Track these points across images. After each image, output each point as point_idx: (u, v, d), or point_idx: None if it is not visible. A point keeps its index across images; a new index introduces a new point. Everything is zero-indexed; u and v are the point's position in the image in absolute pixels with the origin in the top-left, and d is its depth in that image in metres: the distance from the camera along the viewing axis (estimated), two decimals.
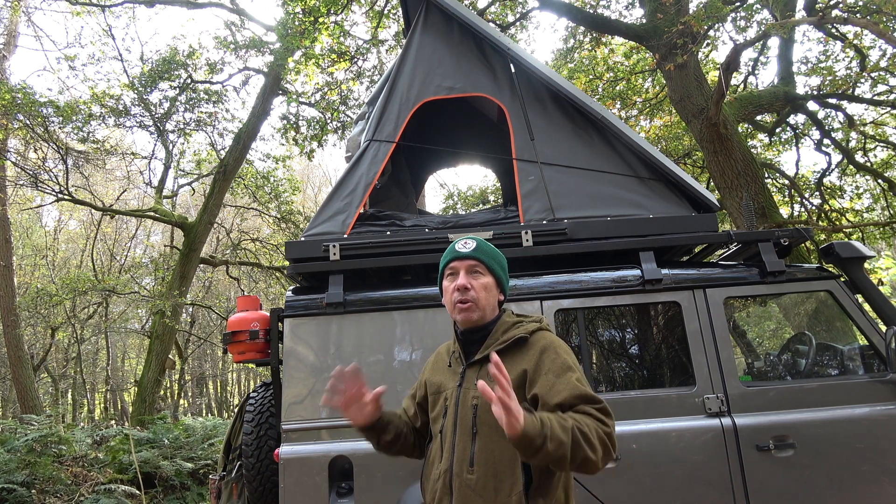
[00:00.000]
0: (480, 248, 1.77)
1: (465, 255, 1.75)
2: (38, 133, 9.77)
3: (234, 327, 3.09)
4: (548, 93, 3.33)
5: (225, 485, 3.18)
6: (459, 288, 1.70)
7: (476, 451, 1.60)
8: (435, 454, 1.72)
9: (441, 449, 1.69)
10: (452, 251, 1.78)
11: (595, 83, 10.11)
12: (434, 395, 1.80)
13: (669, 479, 2.58)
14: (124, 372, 21.12)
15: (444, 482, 1.63)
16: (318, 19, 8.92)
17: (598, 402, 1.54)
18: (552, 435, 1.37)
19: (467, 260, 1.74)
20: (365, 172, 3.22)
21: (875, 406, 2.72)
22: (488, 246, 1.80)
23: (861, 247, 3.00)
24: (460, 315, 1.71)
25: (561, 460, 1.38)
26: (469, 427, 1.62)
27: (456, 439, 1.64)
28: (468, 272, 1.73)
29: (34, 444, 6.78)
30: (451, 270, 1.77)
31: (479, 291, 1.71)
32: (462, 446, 1.62)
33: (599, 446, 1.44)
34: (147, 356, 10.56)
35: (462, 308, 1.70)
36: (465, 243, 1.78)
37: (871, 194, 10.42)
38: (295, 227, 12.67)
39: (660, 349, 3.08)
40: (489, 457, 1.58)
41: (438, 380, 1.81)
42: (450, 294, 1.74)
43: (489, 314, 1.74)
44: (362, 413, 1.69)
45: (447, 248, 1.83)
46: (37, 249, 17.51)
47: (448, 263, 1.78)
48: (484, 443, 1.60)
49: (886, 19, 5.78)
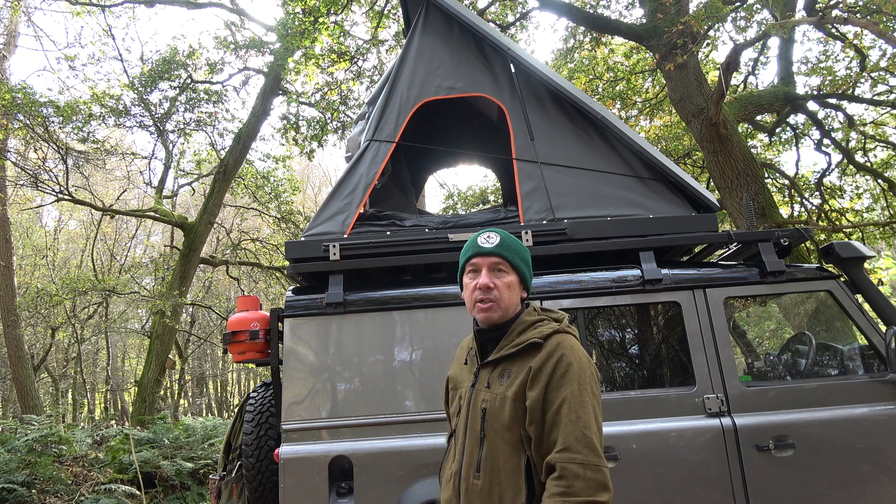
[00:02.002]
0: (504, 243, 1.67)
1: (487, 252, 1.65)
2: (38, 133, 9.77)
3: (235, 327, 3.10)
4: (548, 93, 3.33)
5: (225, 485, 3.18)
6: (481, 287, 1.62)
7: (483, 457, 1.55)
8: (450, 452, 1.70)
9: (454, 449, 1.67)
10: (475, 245, 1.68)
11: (595, 83, 10.11)
12: (453, 392, 1.77)
13: (669, 478, 2.59)
14: (124, 372, 21.12)
15: (454, 484, 1.61)
16: (318, 19, 8.92)
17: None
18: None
19: (490, 257, 1.64)
20: (365, 172, 3.22)
21: (875, 406, 2.72)
22: (512, 240, 1.70)
23: (861, 247, 3.00)
24: (481, 315, 1.64)
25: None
26: (478, 431, 1.58)
27: (466, 442, 1.61)
28: (491, 270, 1.64)
29: (34, 444, 6.78)
30: (472, 267, 1.67)
31: (502, 291, 1.63)
32: (470, 450, 1.59)
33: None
34: (147, 356, 10.56)
35: (483, 308, 1.62)
36: (489, 237, 1.68)
37: (871, 194, 10.42)
38: (295, 227, 12.67)
39: (660, 349, 3.08)
40: (495, 464, 1.53)
41: (458, 376, 1.77)
42: (471, 292, 1.65)
43: (511, 313, 1.65)
44: None
45: (468, 241, 1.72)
46: (37, 249, 17.52)
47: (470, 259, 1.68)
48: (490, 449, 1.55)
49: (886, 19, 5.79)
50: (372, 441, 2.73)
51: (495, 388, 1.58)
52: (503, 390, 1.56)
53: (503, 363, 1.61)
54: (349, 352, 2.86)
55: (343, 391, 2.83)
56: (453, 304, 2.90)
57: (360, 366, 2.85)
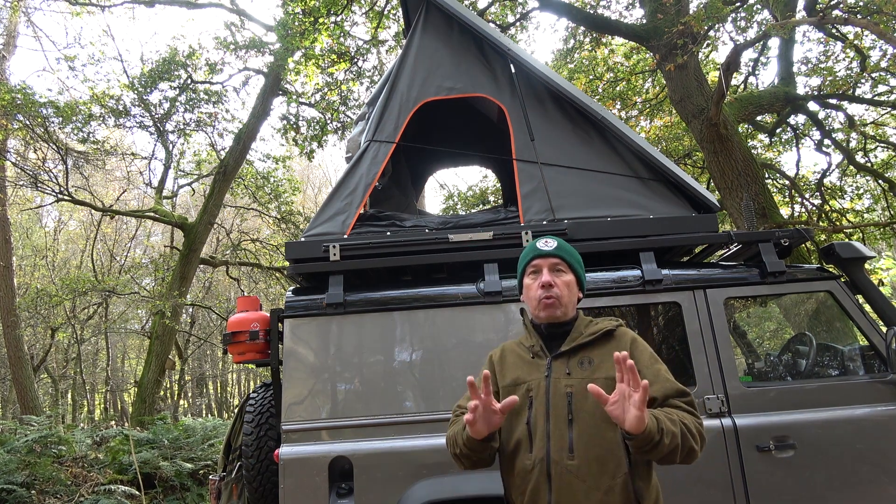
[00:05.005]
0: (562, 246, 1.84)
1: (547, 253, 1.81)
2: (38, 133, 9.77)
3: (235, 328, 3.09)
4: (548, 93, 3.33)
5: (225, 485, 3.18)
6: (544, 285, 1.77)
7: (574, 438, 1.63)
8: (519, 445, 1.72)
9: (530, 439, 1.69)
10: (534, 249, 1.84)
11: (595, 84, 10.11)
12: (510, 388, 1.79)
13: (669, 479, 2.58)
14: (124, 372, 21.11)
15: (542, 470, 1.65)
16: (318, 20, 8.92)
17: (687, 395, 1.66)
18: (667, 430, 1.47)
19: (550, 258, 1.81)
20: (365, 173, 3.22)
21: (875, 406, 2.71)
22: (568, 245, 1.87)
23: (861, 247, 3.00)
24: (545, 311, 1.77)
25: (672, 453, 1.49)
26: (564, 414, 1.66)
27: (550, 427, 1.67)
28: (551, 270, 1.80)
29: (34, 444, 6.77)
30: (533, 268, 1.83)
31: (563, 289, 1.78)
32: (558, 433, 1.65)
33: (699, 437, 1.56)
34: (147, 357, 10.56)
35: (547, 304, 1.76)
36: (547, 242, 1.84)
37: (872, 195, 10.43)
38: (295, 228, 12.66)
39: (660, 350, 3.08)
40: (590, 442, 1.62)
41: (513, 374, 1.82)
42: (534, 291, 1.79)
43: (571, 310, 1.80)
44: (490, 423, 1.62)
45: (527, 246, 1.89)
46: (37, 250, 17.51)
47: (530, 261, 1.84)
48: (582, 429, 1.64)
49: (887, 20, 5.78)
50: (372, 442, 2.72)
51: (577, 374, 1.71)
52: (588, 374, 1.70)
53: (581, 352, 1.76)
54: (349, 352, 2.86)
55: (343, 392, 2.82)
56: (453, 304, 2.90)
57: (361, 366, 2.85)
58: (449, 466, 2.48)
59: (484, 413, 1.59)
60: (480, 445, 1.66)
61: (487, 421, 1.61)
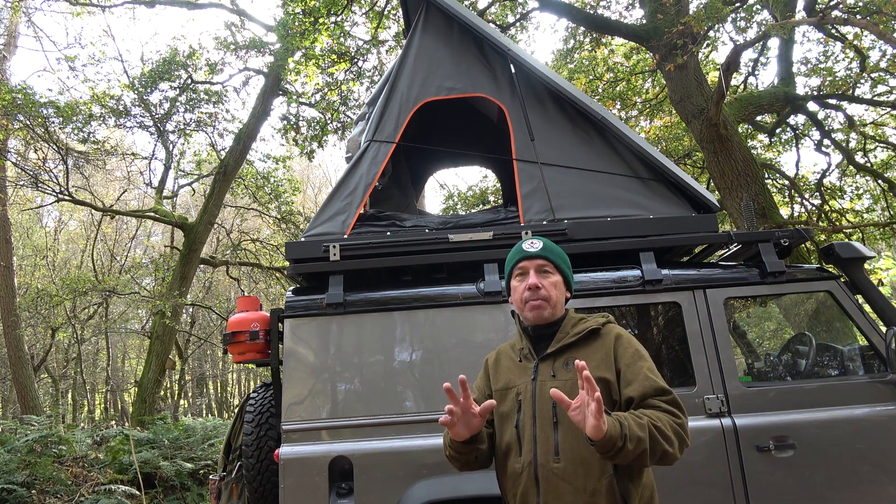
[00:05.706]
0: (547, 247, 1.84)
1: (534, 255, 1.81)
2: (39, 133, 9.77)
3: (235, 328, 3.09)
4: (548, 93, 3.33)
5: (225, 485, 3.18)
6: (531, 287, 1.76)
7: (560, 440, 1.64)
8: (510, 448, 1.74)
9: (519, 442, 1.71)
10: (520, 251, 1.84)
11: (595, 84, 10.11)
12: (502, 392, 1.82)
13: (669, 479, 2.58)
14: (124, 372, 21.11)
15: (530, 473, 1.66)
16: (319, 20, 8.92)
17: (668, 394, 1.62)
18: (631, 434, 1.45)
19: (536, 259, 1.80)
20: (365, 173, 3.22)
21: (875, 406, 2.71)
22: (554, 245, 1.87)
23: (861, 247, 3.00)
24: (532, 313, 1.77)
25: (640, 457, 1.47)
26: (549, 418, 1.67)
27: (536, 430, 1.68)
28: (538, 271, 1.79)
29: (34, 444, 6.77)
30: (520, 270, 1.83)
31: (550, 289, 1.77)
32: (544, 437, 1.66)
33: (675, 438, 1.53)
34: (147, 357, 10.56)
35: (534, 306, 1.76)
36: (532, 243, 1.84)
37: (872, 195, 10.42)
38: (295, 228, 12.67)
39: (660, 350, 3.08)
40: (574, 444, 1.62)
41: (505, 378, 1.83)
42: (520, 293, 1.79)
43: (559, 311, 1.80)
44: (470, 426, 1.64)
45: (513, 249, 1.88)
46: (37, 250, 17.50)
47: (517, 263, 1.83)
48: (567, 431, 1.64)
49: (886, 20, 5.79)
50: (372, 441, 2.72)
51: (562, 376, 1.71)
52: (573, 375, 1.68)
53: (566, 353, 1.75)
54: (349, 352, 2.86)
55: (343, 392, 2.82)
56: (453, 304, 2.90)
57: (361, 366, 2.85)
58: (449, 466, 2.48)
59: (463, 416, 1.62)
60: (465, 447, 1.69)
61: (467, 424, 1.63)
